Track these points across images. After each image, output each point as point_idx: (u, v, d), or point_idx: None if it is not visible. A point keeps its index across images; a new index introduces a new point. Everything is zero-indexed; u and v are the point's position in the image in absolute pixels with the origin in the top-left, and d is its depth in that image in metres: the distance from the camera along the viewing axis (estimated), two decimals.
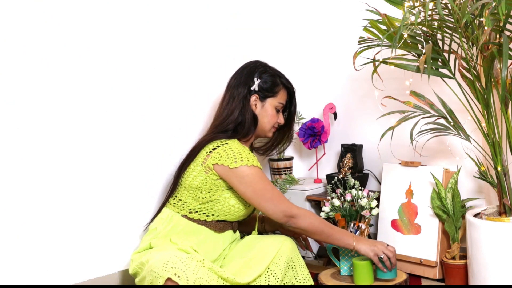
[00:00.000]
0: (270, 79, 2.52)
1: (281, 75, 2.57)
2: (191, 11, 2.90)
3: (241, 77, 2.52)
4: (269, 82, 2.52)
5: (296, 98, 2.65)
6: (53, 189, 2.41)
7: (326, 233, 2.40)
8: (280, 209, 2.37)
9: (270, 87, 2.51)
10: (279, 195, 2.40)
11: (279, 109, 2.56)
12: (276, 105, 2.53)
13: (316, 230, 2.38)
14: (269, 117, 2.53)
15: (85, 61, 2.49)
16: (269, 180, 2.42)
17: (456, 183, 2.58)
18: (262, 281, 2.26)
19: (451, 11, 2.18)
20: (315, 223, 2.38)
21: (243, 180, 2.36)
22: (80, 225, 2.48)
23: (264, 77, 2.51)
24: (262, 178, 2.38)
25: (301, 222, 2.37)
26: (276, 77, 2.54)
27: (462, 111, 2.42)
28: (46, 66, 2.37)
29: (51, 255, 2.40)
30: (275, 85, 2.53)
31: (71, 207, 2.46)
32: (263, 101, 2.51)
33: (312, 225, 2.37)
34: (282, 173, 3.23)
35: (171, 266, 2.03)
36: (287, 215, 2.37)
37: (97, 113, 2.54)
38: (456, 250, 2.56)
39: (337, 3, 3.15)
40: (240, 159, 2.36)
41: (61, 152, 2.44)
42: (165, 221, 2.41)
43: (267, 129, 2.55)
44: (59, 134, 2.43)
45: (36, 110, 2.36)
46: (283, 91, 2.56)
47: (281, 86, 2.55)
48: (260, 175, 2.38)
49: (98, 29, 2.54)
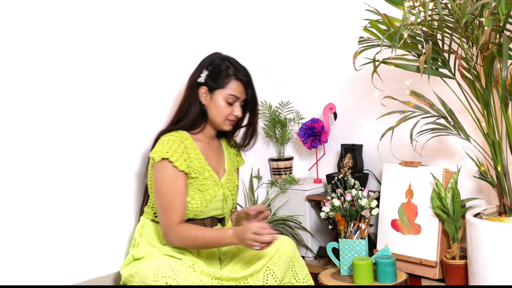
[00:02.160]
0: (218, 71, 2.39)
1: (233, 67, 2.40)
2: (191, 11, 2.90)
3: (195, 70, 2.47)
4: (217, 73, 2.39)
5: (254, 90, 2.45)
6: (50, 190, 2.41)
7: (201, 246, 2.30)
8: (164, 221, 2.27)
9: (218, 79, 2.39)
10: (172, 207, 2.26)
11: (231, 101, 2.39)
12: (226, 97, 2.38)
13: (189, 246, 2.30)
14: (219, 109, 2.38)
15: (86, 66, 2.50)
16: (177, 188, 2.28)
17: (456, 183, 2.58)
18: (260, 279, 2.22)
19: (451, 11, 2.18)
20: (186, 242, 2.27)
21: (155, 175, 2.31)
22: (80, 224, 2.48)
23: (211, 68, 2.40)
24: (170, 182, 2.27)
25: (172, 240, 2.28)
26: (227, 69, 2.39)
27: (462, 111, 2.42)
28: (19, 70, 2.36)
29: (49, 255, 2.40)
30: (223, 76, 2.38)
31: (71, 206, 2.46)
32: (211, 93, 2.39)
33: (183, 244, 2.29)
34: (282, 173, 3.23)
35: (162, 276, 2.02)
36: (164, 229, 2.28)
37: (95, 115, 2.54)
38: (456, 250, 2.56)
39: (337, 3, 3.16)
40: (162, 151, 2.28)
41: (60, 154, 2.43)
42: (139, 229, 2.41)
43: (219, 122, 2.40)
44: (55, 135, 2.43)
45: (45, 112, 2.38)
46: (234, 82, 2.39)
47: (231, 78, 2.39)
48: (170, 177, 2.27)
49: (96, 33, 2.54)
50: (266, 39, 3.30)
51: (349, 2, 3.03)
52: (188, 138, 2.37)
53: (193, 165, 2.32)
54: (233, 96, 2.38)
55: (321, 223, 3.14)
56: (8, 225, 2.28)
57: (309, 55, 3.33)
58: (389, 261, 2.52)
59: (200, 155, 2.37)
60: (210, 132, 2.45)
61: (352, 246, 2.65)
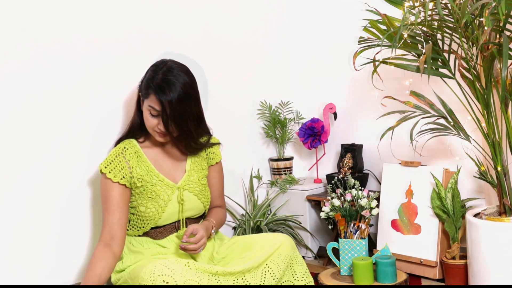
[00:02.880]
0: (147, 79, 2.29)
1: (158, 78, 2.24)
2: (190, 11, 2.91)
3: None
4: (146, 81, 2.28)
5: (168, 108, 2.22)
6: (47, 191, 2.42)
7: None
8: (102, 230, 2.27)
9: (144, 88, 2.28)
10: (105, 219, 2.25)
11: (154, 114, 2.25)
12: (149, 108, 2.26)
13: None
14: (145, 119, 2.29)
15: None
16: (109, 198, 2.25)
17: (456, 183, 2.58)
18: (258, 276, 2.20)
19: (451, 11, 2.18)
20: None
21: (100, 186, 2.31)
22: (73, 224, 2.49)
23: (145, 75, 2.32)
24: (103, 193, 2.27)
25: (97, 246, 2.25)
26: (152, 78, 2.25)
27: (462, 111, 2.42)
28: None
29: (47, 255, 2.41)
30: (147, 87, 2.27)
31: (71, 206, 2.47)
32: (142, 102, 2.31)
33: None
34: (282, 173, 3.23)
35: (158, 274, 2.01)
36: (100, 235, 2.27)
37: (94, 117, 2.55)
38: (456, 250, 2.56)
39: (337, 3, 3.15)
40: (105, 164, 2.27)
41: (59, 155, 2.44)
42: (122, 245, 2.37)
43: (151, 132, 2.31)
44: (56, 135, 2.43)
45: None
46: (153, 95, 2.24)
47: (152, 90, 2.24)
48: (104, 188, 2.27)
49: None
50: (265, 39, 3.31)
51: (349, 2, 3.02)
52: (134, 146, 2.34)
53: (136, 173, 2.29)
54: (153, 108, 2.25)
55: (321, 223, 3.14)
56: (4, 225, 2.29)
57: (309, 54, 3.33)
58: (389, 261, 2.52)
59: (147, 161, 2.33)
60: (158, 140, 2.35)
61: (352, 246, 2.65)
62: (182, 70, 2.29)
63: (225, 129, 2.77)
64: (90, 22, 2.52)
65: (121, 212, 2.27)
